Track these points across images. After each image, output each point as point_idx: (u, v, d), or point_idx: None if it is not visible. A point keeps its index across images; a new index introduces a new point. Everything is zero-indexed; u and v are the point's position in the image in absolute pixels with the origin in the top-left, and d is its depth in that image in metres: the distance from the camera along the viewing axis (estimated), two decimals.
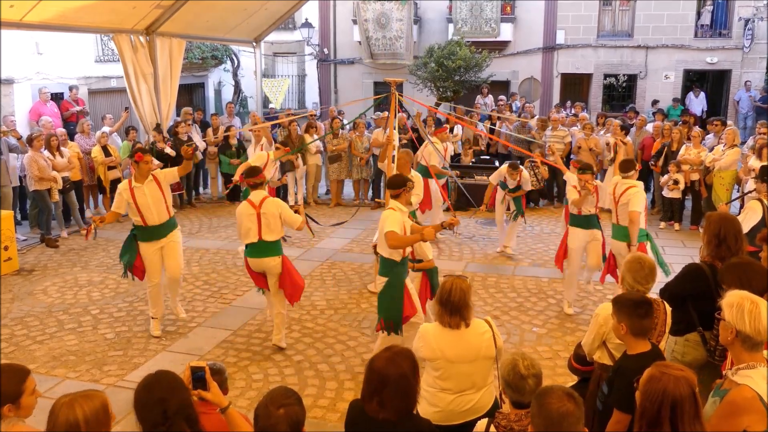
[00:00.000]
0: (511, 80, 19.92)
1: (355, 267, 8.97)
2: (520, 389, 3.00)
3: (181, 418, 2.63)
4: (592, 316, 3.97)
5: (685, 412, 2.55)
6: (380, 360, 2.97)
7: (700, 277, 4.24)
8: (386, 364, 2.94)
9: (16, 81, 13.15)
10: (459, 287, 3.68)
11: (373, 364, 2.97)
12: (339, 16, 20.92)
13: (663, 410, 2.56)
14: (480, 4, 19.15)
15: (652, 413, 2.59)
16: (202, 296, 7.91)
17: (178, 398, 2.66)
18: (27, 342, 6.60)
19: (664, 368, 2.66)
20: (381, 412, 2.91)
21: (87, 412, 2.52)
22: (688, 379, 2.59)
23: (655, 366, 2.70)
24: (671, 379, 2.58)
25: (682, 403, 2.55)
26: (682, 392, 2.55)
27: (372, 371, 2.95)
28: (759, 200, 6.51)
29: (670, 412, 2.55)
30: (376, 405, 2.91)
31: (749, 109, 18.21)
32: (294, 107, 20.81)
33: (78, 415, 2.50)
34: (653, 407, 2.58)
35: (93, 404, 2.56)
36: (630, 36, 19.50)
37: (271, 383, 5.72)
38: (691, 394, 2.57)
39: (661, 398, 2.56)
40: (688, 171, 10.58)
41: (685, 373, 2.62)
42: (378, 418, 2.92)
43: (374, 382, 2.93)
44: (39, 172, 9.59)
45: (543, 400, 2.59)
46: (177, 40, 12.56)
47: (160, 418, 2.61)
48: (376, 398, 2.91)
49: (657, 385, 2.60)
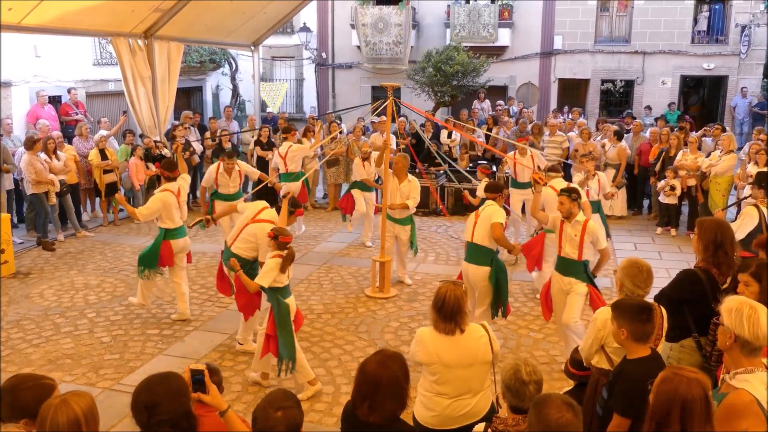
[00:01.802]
0: (508, 85, 19.95)
1: (353, 271, 8.96)
2: (521, 395, 3.00)
3: (177, 423, 2.62)
4: (590, 321, 3.97)
5: (695, 414, 2.53)
6: (372, 364, 2.97)
7: (696, 283, 4.25)
8: (378, 367, 2.94)
9: (14, 84, 13.13)
10: (454, 294, 3.68)
11: (365, 368, 2.97)
12: (337, 20, 20.94)
13: (673, 410, 2.55)
14: (478, 9, 19.21)
15: (662, 413, 2.58)
16: (198, 300, 7.89)
17: (177, 404, 2.64)
18: (23, 345, 6.58)
19: (678, 370, 2.67)
20: (371, 416, 2.91)
21: (84, 408, 2.52)
22: (700, 381, 2.58)
23: (669, 368, 2.71)
24: (683, 381, 2.58)
25: (693, 405, 2.53)
26: (694, 394, 2.54)
27: (364, 375, 2.95)
28: (755, 206, 6.54)
29: (681, 412, 2.54)
30: (366, 408, 2.92)
31: (746, 115, 18.25)
32: (291, 111, 20.83)
33: (78, 412, 2.49)
34: (663, 407, 2.58)
35: (87, 401, 2.56)
36: (627, 42, 19.56)
37: (267, 387, 5.71)
38: (704, 397, 2.56)
39: (672, 398, 2.56)
40: (685, 176, 10.60)
41: (698, 376, 2.61)
42: (368, 421, 2.92)
43: (366, 385, 2.93)
44: (36, 176, 9.57)
45: (542, 409, 2.58)
46: (175, 44, 12.56)
47: (155, 421, 2.59)
48: (367, 402, 2.91)
49: (669, 386, 2.60)
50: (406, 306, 7.76)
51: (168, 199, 7.00)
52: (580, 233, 5.64)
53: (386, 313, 7.53)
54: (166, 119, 12.62)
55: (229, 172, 8.86)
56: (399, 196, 8.13)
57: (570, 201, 5.65)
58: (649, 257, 9.04)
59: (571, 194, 5.68)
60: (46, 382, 2.81)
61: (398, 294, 8.10)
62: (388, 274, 8.10)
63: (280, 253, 5.41)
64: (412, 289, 8.27)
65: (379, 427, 2.92)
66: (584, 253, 5.69)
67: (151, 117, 12.15)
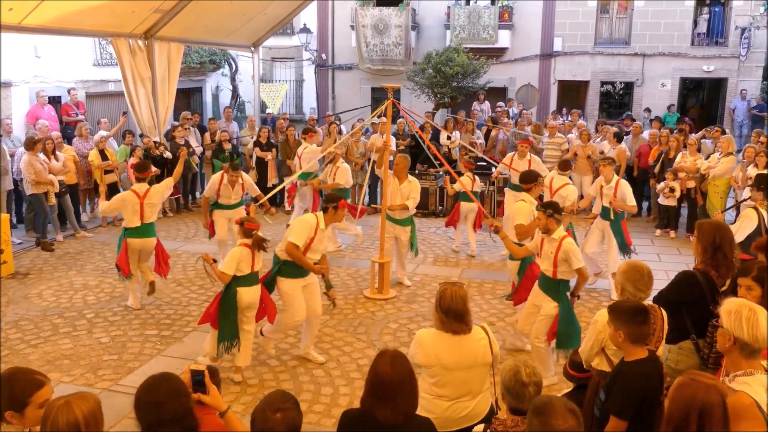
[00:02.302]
0: (508, 87, 19.95)
1: (352, 272, 8.96)
2: (521, 396, 3.00)
3: (179, 423, 2.61)
4: (590, 323, 3.97)
5: (714, 420, 2.53)
6: (385, 365, 2.97)
7: (694, 285, 4.25)
8: (393, 367, 2.96)
9: (14, 84, 13.12)
10: (458, 294, 3.69)
11: (379, 370, 2.97)
12: (337, 21, 20.93)
13: (691, 416, 2.54)
14: (478, 11, 19.22)
15: (680, 419, 2.57)
16: (197, 301, 7.89)
17: (177, 404, 2.64)
18: (21, 346, 6.57)
19: (696, 376, 2.65)
20: (394, 417, 2.92)
21: (85, 411, 2.52)
22: (718, 388, 2.59)
23: (687, 373, 2.70)
24: (702, 387, 2.57)
25: (711, 410, 2.53)
26: (712, 400, 2.54)
27: (380, 377, 2.95)
28: (755, 208, 6.54)
29: (698, 419, 2.53)
30: (389, 410, 2.92)
31: (745, 117, 18.27)
32: (291, 112, 20.82)
33: (78, 415, 2.50)
34: (681, 413, 2.57)
35: (89, 404, 2.56)
36: (627, 44, 19.57)
37: (266, 388, 5.71)
38: (721, 403, 2.55)
39: (690, 404, 2.55)
40: (684, 178, 10.61)
41: (716, 382, 2.62)
42: (390, 423, 2.91)
43: (385, 387, 2.92)
44: (36, 176, 9.56)
45: (546, 419, 2.55)
46: (175, 45, 12.56)
47: (156, 422, 2.59)
48: (389, 403, 2.92)
49: (687, 391, 2.59)
50: (405, 307, 7.75)
51: (129, 198, 7.40)
52: (555, 250, 5.49)
53: (385, 315, 7.53)
54: (166, 120, 12.61)
55: (233, 185, 8.50)
56: (399, 197, 8.12)
57: (546, 217, 5.50)
58: (648, 259, 9.08)
59: (547, 210, 5.51)
60: (36, 377, 2.82)
61: (397, 295, 8.09)
62: (387, 275, 8.09)
63: (246, 242, 5.65)
64: (411, 291, 8.26)
65: (400, 426, 2.93)
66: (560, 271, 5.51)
67: (150, 118, 12.14)
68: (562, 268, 5.48)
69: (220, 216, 8.61)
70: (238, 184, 8.51)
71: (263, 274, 6.06)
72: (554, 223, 5.49)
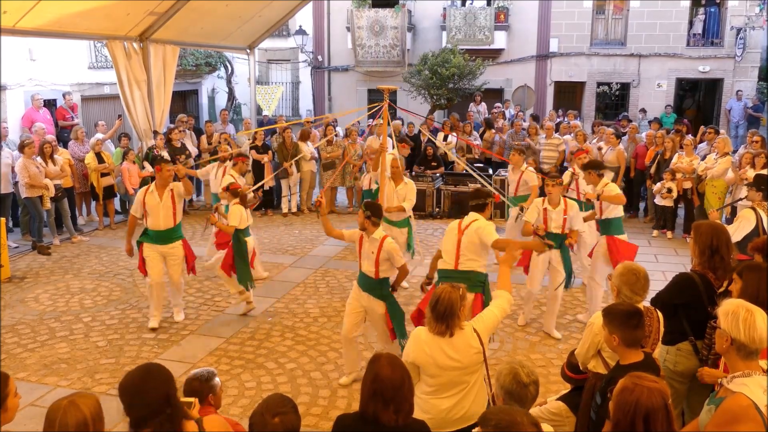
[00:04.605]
0: (504, 88, 19.98)
1: (349, 275, 8.94)
2: (522, 397, 3.00)
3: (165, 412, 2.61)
4: (586, 325, 3.96)
5: (658, 423, 2.57)
6: (385, 368, 2.96)
7: (691, 287, 4.24)
8: (393, 370, 2.96)
9: (9, 87, 13.10)
10: (449, 296, 3.67)
11: (380, 373, 2.95)
12: (333, 23, 20.95)
13: (637, 421, 2.58)
14: (474, 12, 19.25)
15: (626, 424, 2.60)
16: (194, 304, 7.87)
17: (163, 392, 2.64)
18: (18, 350, 6.55)
19: (638, 379, 2.66)
20: (397, 418, 2.92)
21: (92, 409, 2.55)
22: (661, 390, 2.61)
23: (629, 377, 2.71)
24: (644, 391, 2.60)
25: (655, 414, 2.57)
26: (654, 403, 2.57)
27: (382, 380, 2.94)
28: (752, 209, 6.55)
29: (644, 423, 2.57)
30: (392, 413, 2.92)
31: (741, 117, 18.30)
32: (287, 114, 20.81)
33: (86, 414, 2.52)
34: (627, 418, 2.60)
35: (93, 402, 2.59)
36: (623, 44, 19.61)
37: (263, 391, 5.70)
38: (664, 406, 2.59)
39: (635, 409, 2.58)
40: (681, 179, 10.62)
41: (659, 385, 2.64)
42: (392, 425, 2.91)
43: (387, 390, 2.92)
44: (30, 179, 9.53)
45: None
46: (171, 47, 12.55)
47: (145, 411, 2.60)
48: (392, 405, 2.91)
49: (630, 396, 2.61)
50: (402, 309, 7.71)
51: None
52: (376, 250, 5.48)
53: None
54: (162, 123, 12.59)
55: (162, 189, 7.27)
56: (396, 199, 8.11)
57: (364, 217, 5.46)
58: (645, 260, 9.10)
59: (366, 210, 5.45)
60: None
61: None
62: None
63: (236, 201, 7.32)
64: (408, 293, 8.24)
65: (400, 428, 2.93)
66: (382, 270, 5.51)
67: (146, 120, 12.12)
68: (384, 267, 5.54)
69: (151, 250, 7.07)
70: (167, 194, 6.95)
71: None
72: (370, 224, 5.48)
